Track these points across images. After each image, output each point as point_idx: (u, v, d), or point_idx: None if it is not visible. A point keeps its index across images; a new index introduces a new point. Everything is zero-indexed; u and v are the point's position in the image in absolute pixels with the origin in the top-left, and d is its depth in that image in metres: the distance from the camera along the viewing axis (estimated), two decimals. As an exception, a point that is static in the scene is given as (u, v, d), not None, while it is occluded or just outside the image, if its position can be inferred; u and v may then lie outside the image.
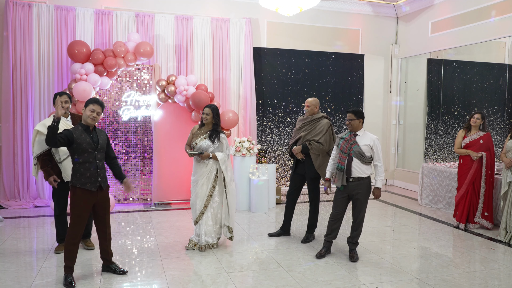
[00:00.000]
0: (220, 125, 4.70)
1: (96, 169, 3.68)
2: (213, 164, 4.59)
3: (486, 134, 5.63)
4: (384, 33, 8.93)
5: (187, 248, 4.65)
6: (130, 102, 6.77)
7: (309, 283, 3.82)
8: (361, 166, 4.27)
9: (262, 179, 6.51)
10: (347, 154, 4.29)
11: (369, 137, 4.31)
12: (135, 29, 7.06)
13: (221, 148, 4.61)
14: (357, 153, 4.25)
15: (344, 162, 4.29)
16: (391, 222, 6.17)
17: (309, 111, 5.00)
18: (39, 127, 4.37)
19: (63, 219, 4.59)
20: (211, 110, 4.58)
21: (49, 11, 6.70)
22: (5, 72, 6.55)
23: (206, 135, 4.59)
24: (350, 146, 4.27)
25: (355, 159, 4.26)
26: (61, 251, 4.53)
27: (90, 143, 3.65)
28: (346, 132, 4.41)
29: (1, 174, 6.69)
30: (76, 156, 3.64)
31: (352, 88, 8.73)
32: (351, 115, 4.29)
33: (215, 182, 4.62)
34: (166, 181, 6.89)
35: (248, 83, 7.69)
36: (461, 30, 7.48)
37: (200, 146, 4.55)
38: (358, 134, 4.32)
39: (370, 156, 4.29)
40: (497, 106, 8.08)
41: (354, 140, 4.29)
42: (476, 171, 5.58)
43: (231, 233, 4.75)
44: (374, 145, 4.28)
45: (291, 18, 7.66)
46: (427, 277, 4.00)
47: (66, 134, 3.60)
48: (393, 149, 9.16)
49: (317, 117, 4.97)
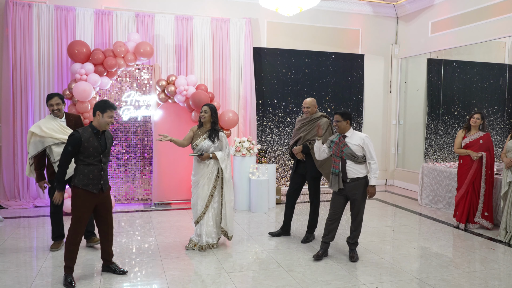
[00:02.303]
0: (218, 124, 4.70)
1: (100, 171, 3.68)
2: (214, 165, 4.59)
3: (486, 134, 5.63)
4: (384, 33, 8.93)
5: (187, 248, 4.64)
6: (130, 102, 6.77)
7: (309, 283, 3.82)
8: (356, 166, 4.27)
9: (263, 179, 6.51)
10: (339, 157, 4.30)
11: (358, 137, 4.30)
12: (135, 29, 7.06)
13: (221, 147, 4.61)
14: (349, 154, 4.25)
15: (338, 166, 4.31)
16: (391, 222, 6.17)
17: (309, 112, 4.99)
18: (34, 128, 4.38)
19: (58, 216, 4.61)
20: (209, 108, 4.60)
21: (49, 11, 6.70)
22: (5, 72, 6.55)
23: (205, 135, 4.58)
24: (341, 149, 4.28)
25: (348, 160, 4.27)
26: (56, 248, 4.58)
27: (97, 147, 3.64)
28: (336, 135, 4.41)
29: (1, 174, 6.69)
30: (81, 157, 3.62)
31: (352, 88, 8.73)
32: (338, 117, 4.29)
33: (216, 182, 4.61)
34: (166, 181, 6.89)
35: (248, 83, 7.69)
36: (461, 30, 7.48)
37: (201, 147, 4.54)
38: (347, 135, 4.32)
39: (362, 155, 4.28)
40: (497, 106, 8.08)
41: (344, 142, 4.29)
42: (476, 171, 5.58)
43: (225, 236, 4.72)
44: (364, 143, 4.26)
45: (291, 18, 7.66)
46: (427, 277, 4.00)
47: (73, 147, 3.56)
48: (393, 149, 9.16)
49: (316, 117, 4.96)
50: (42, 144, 4.38)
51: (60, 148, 4.35)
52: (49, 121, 4.47)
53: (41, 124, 4.43)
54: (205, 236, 4.60)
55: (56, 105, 4.45)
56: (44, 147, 4.38)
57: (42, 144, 4.38)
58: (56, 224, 4.60)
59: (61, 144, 4.36)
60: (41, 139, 4.37)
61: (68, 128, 4.50)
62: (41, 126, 4.40)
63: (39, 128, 4.38)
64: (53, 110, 4.46)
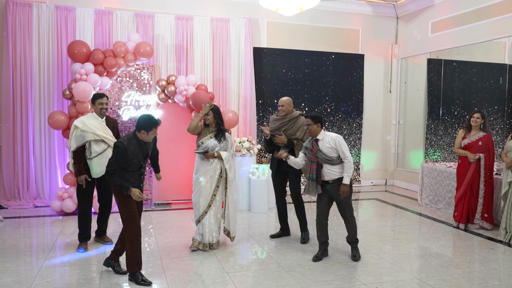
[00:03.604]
0: (223, 124, 4.70)
1: (139, 176, 3.82)
2: (218, 163, 4.60)
3: (486, 135, 5.58)
4: (384, 33, 8.93)
5: (192, 249, 4.61)
6: (130, 102, 6.77)
7: (309, 283, 3.82)
8: (334, 168, 4.27)
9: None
10: (315, 162, 4.30)
11: (329, 138, 4.27)
12: (135, 29, 7.06)
13: (226, 147, 4.62)
14: (324, 159, 4.25)
15: (314, 171, 4.30)
16: (391, 222, 6.17)
17: (284, 110, 4.92)
18: (77, 122, 4.50)
19: (89, 216, 4.65)
20: (211, 110, 4.61)
21: (49, 11, 6.70)
22: (5, 72, 6.55)
23: (212, 134, 4.60)
24: (315, 155, 4.28)
25: (325, 164, 4.28)
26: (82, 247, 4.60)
27: (140, 158, 3.76)
28: (309, 140, 4.40)
29: (1, 174, 6.69)
30: (122, 165, 3.67)
31: (352, 88, 8.73)
32: (309, 120, 4.28)
33: (219, 181, 4.62)
34: (166, 181, 6.88)
35: (248, 83, 7.69)
36: (461, 30, 7.48)
37: (207, 145, 4.56)
38: (319, 139, 4.30)
39: (337, 156, 4.26)
40: (497, 106, 8.08)
41: (317, 147, 4.28)
42: (474, 173, 5.56)
43: (227, 236, 4.73)
44: (336, 143, 4.23)
45: (291, 18, 7.66)
46: (427, 277, 4.00)
47: (118, 159, 3.63)
48: (393, 149, 9.16)
49: (294, 116, 4.92)
50: (83, 138, 4.46)
51: (98, 145, 4.50)
52: (91, 118, 4.59)
53: (84, 120, 4.55)
54: (208, 235, 4.60)
55: (106, 104, 4.60)
56: (84, 142, 4.46)
57: (83, 139, 4.46)
58: (85, 225, 4.63)
59: (100, 142, 4.51)
60: (83, 133, 4.46)
61: (108, 128, 4.63)
62: (84, 121, 4.51)
63: (82, 122, 4.49)
64: (102, 109, 4.59)
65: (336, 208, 4.52)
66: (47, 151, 6.77)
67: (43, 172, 6.76)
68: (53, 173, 6.84)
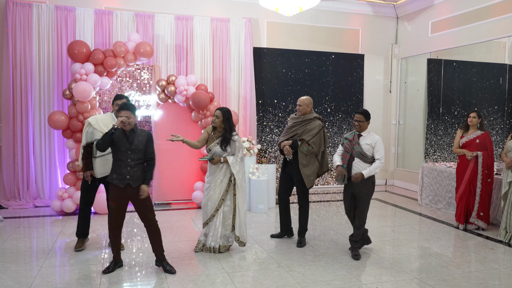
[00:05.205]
0: (231, 130, 4.51)
1: (126, 168, 3.83)
2: (227, 168, 4.51)
3: (483, 134, 5.58)
4: (384, 33, 8.93)
5: (196, 250, 4.60)
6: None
7: (309, 283, 3.82)
8: (363, 164, 4.37)
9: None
10: (349, 153, 4.42)
11: (372, 137, 4.43)
12: (135, 29, 7.06)
13: (234, 151, 4.52)
14: (358, 153, 4.38)
15: (346, 161, 4.45)
16: (391, 222, 6.17)
17: (301, 111, 4.81)
18: (91, 119, 4.51)
19: (87, 213, 4.66)
20: (222, 113, 4.46)
21: (49, 11, 6.70)
22: (5, 72, 6.55)
23: (218, 140, 4.51)
24: (352, 147, 4.40)
25: (356, 158, 4.39)
26: (80, 248, 4.59)
27: (126, 145, 3.81)
28: (351, 132, 4.54)
29: (1, 174, 6.69)
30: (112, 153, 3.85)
31: (352, 88, 8.73)
32: (361, 117, 4.41)
33: (228, 186, 4.53)
34: (166, 181, 6.89)
35: (248, 83, 7.70)
36: (461, 30, 7.48)
37: (214, 152, 4.51)
38: (362, 135, 4.44)
39: (372, 156, 4.39)
40: (497, 106, 8.08)
41: (357, 140, 4.42)
42: (473, 172, 5.55)
43: (238, 242, 4.61)
44: (375, 143, 4.38)
45: (291, 18, 7.66)
46: (427, 277, 4.00)
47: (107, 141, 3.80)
48: (393, 149, 9.17)
49: (309, 118, 4.79)
50: (92, 135, 4.45)
51: None
52: (107, 118, 4.55)
53: (99, 118, 4.54)
54: (212, 238, 4.56)
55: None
56: (92, 140, 4.44)
57: (92, 136, 4.45)
58: (83, 221, 4.63)
59: None
60: (93, 131, 4.45)
61: None
62: (98, 120, 4.51)
63: (96, 120, 4.49)
64: None
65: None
66: (47, 151, 6.77)
67: (43, 172, 6.76)
68: (53, 173, 6.84)
